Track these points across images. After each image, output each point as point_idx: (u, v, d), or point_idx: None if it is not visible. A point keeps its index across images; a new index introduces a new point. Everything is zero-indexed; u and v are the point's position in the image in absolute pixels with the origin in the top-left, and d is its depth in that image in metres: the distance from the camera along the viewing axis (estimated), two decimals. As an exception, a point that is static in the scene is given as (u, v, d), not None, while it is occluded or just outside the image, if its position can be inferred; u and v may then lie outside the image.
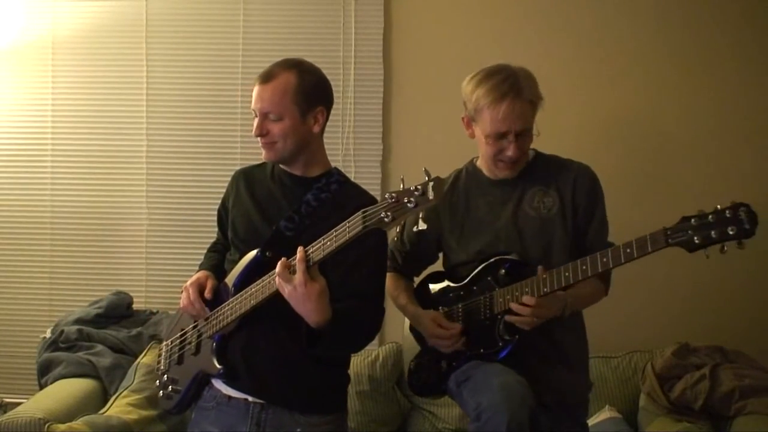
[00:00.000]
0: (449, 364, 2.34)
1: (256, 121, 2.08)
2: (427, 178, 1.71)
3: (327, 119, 2.15)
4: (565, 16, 3.42)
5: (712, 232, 1.88)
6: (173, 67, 3.56)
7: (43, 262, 3.60)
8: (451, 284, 2.42)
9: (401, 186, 1.74)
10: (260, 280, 1.99)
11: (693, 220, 1.91)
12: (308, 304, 1.88)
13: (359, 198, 2.06)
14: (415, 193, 1.70)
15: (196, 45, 3.55)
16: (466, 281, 2.37)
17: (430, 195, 1.68)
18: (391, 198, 1.72)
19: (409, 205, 1.70)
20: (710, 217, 1.89)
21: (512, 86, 2.21)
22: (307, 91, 2.07)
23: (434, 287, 2.49)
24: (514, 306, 2.17)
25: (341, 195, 2.07)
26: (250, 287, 2.02)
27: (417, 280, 2.59)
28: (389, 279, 2.52)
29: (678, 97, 3.39)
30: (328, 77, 2.16)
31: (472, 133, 2.33)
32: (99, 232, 3.60)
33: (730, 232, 1.85)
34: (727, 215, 1.87)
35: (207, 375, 2.14)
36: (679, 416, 2.87)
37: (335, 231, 1.83)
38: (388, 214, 1.72)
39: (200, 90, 3.55)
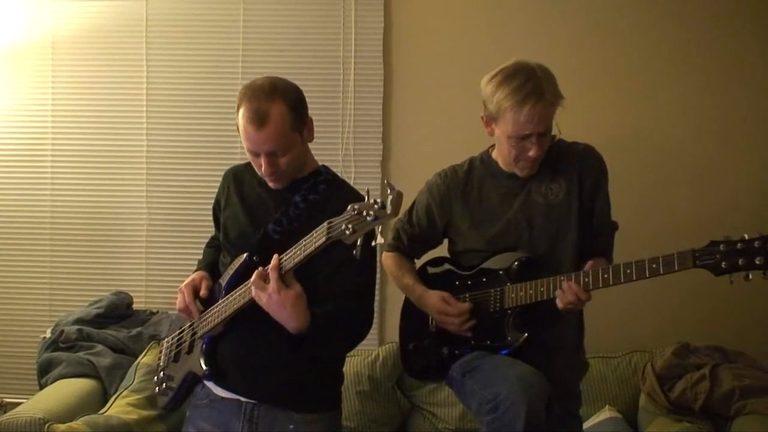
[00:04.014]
0: (452, 351, 2.34)
1: (261, 161, 2.03)
2: (389, 191, 1.71)
3: None
4: (566, 16, 3.41)
5: (740, 260, 1.88)
6: (173, 67, 3.56)
7: (43, 262, 3.60)
8: (457, 271, 2.41)
9: (366, 198, 1.74)
10: (241, 286, 2.00)
11: (721, 245, 1.91)
12: (284, 311, 1.90)
13: (346, 198, 2.01)
14: (375, 206, 1.71)
15: (196, 45, 3.55)
16: (474, 271, 2.36)
17: (388, 210, 1.69)
18: (354, 210, 1.74)
19: (368, 218, 1.71)
20: (739, 244, 1.90)
21: (534, 89, 2.19)
22: (297, 111, 2.04)
23: (437, 272, 2.48)
24: (572, 294, 2.12)
25: (329, 195, 2.06)
26: (233, 292, 2.03)
27: (417, 263, 2.57)
28: (392, 259, 2.54)
29: (680, 105, 3.38)
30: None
31: (492, 131, 2.32)
32: (99, 232, 3.60)
33: (757, 262, 1.86)
34: (756, 245, 1.87)
35: (195, 376, 2.15)
36: (679, 416, 2.87)
37: (304, 240, 1.85)
38: (349, 226, 1.73)
39: (200, 90, 3.55)
